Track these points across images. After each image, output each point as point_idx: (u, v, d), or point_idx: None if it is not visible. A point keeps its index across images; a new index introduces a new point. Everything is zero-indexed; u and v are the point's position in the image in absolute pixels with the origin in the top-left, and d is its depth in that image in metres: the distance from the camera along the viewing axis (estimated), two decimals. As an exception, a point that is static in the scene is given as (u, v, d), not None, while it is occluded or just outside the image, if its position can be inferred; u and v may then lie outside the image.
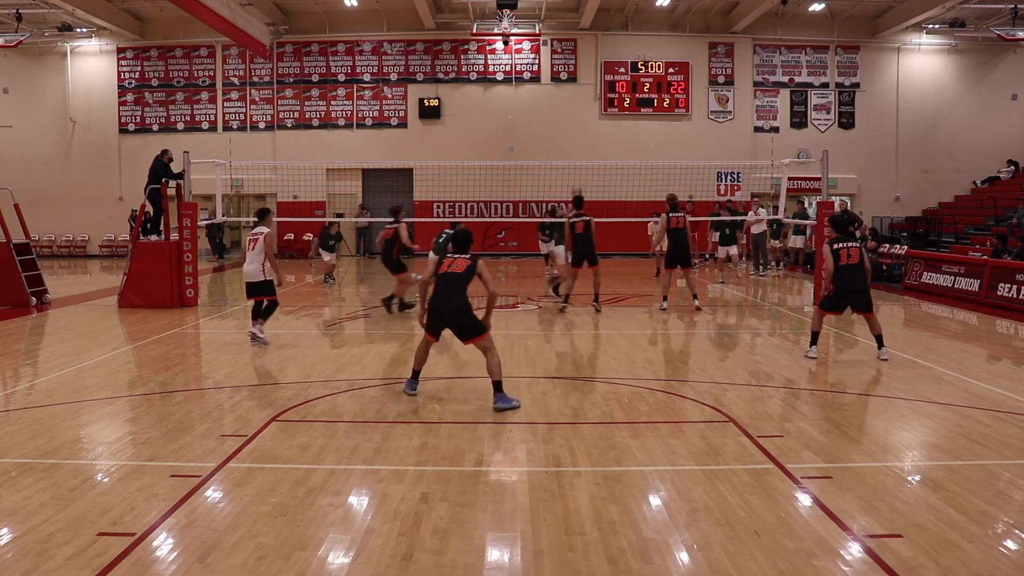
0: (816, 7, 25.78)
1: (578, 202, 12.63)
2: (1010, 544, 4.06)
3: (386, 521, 4.27)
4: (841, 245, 8.56)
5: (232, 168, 16.69)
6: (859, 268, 8.54)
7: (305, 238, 26.95)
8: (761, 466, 5.16)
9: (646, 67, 26.66)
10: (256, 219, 10.17)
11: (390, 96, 26.89)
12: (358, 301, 14.79)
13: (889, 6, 25.42)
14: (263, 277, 9.69)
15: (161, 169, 14.47)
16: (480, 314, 6.85)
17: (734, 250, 17.65)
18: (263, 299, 9.81)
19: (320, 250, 17.31)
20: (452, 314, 6.79)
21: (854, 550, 3.93)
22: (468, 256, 6.97)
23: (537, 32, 26.14)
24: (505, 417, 6.38)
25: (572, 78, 26.86)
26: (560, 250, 15.12)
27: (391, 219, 12.38)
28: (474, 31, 26.07)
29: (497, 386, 6.69)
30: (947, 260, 15.93)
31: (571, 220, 12.45)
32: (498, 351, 6.83)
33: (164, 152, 14.74)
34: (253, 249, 9.76)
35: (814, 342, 8.93)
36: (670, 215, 12.59)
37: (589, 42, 26.73)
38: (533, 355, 9.08)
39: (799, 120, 27.15)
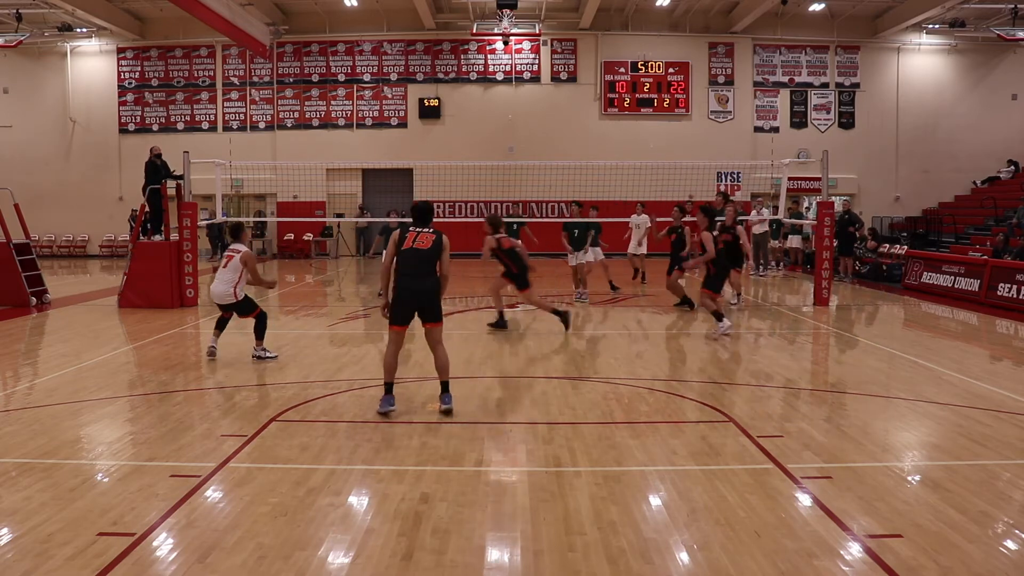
0: (816, 7, 25.79)
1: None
2: (1010, 544, 4.06)
3: (386, 521, 4.27)
4: (717, 233, 10.34)
5: (232, 168, 16.69)
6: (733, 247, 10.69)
7: (305, 238, 26.97)
8: (761, 466, 5.16)
9: (646, 67, 26.66)
10: (231, 236, 9.20)
11: (390, 96, 26.90)
12: (358, 301, 14.78)
13: (889, 6, 25.43)
14: (234, 298, 8.68)
15: (151, 167, 14.48)
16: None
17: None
18: (232, 315, 8.93)
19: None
20: (424, 295, 6.27)
21: (854, 550, 3.93)
22: (432, 230, 6.43)
23: (537, 32, 26.15)
24: (505, 417, 6.38)
25: (572, 78, 26.86)
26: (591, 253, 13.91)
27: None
28: (474, 31, 26.08)
29: (445, 386, 6.46)
30: (947, 260, 15.93)
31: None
32: (498, 350, 6.81)
33: (151, 150, 14.78)
34: (226, 267, 8.67)
35: (720, 319, 10.20)
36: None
37: (589, 42, 26.74)
38: (533, 355, 9.08)
39: (799, 120, 27.16)
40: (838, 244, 19.11)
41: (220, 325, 9.05)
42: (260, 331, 8.97)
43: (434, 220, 6.63)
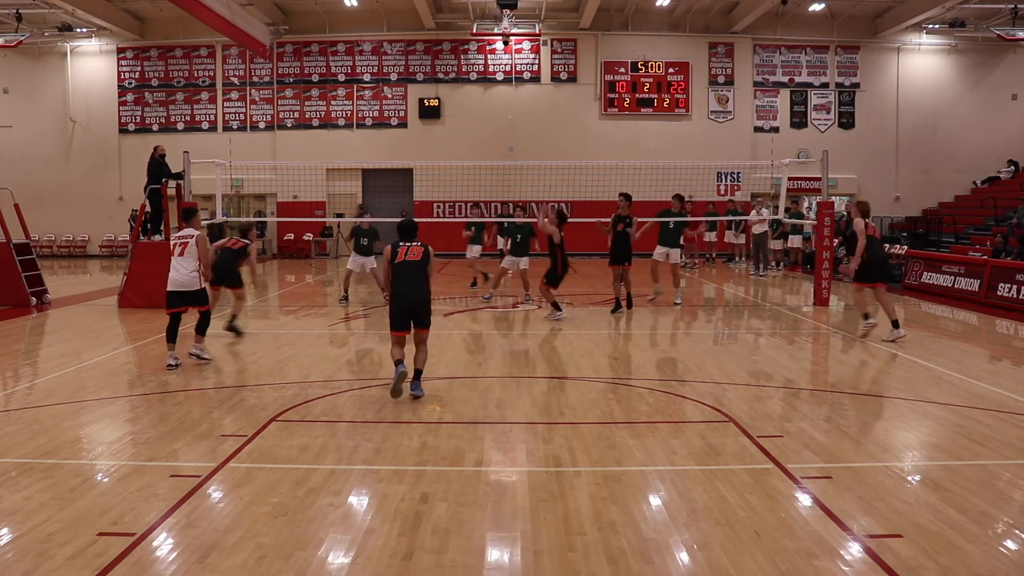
0: (816, 7, 25.78)
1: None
2: (1010, 544, 4.06)
3: (386, 521, 4.27)
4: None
5: (232, 168, 16.67)
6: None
7: (305, 238, 26.97)
8: (761, 466, 5.16)
9: (646, 67, 26.66)
10: (182, 218, 8.74)
11: (390, 96, 26.89)
12: (358, 301, 14.76)
13: (889, 6, 25.43)
14: (199, 286, 8.35)
15: (155, 166, 14.47)
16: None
17: (675, 255, 13.63)
18: (187, 309, 8.47)
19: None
20: (418, 304, 7.05)
21: (854, 550, 3.93)
22: (419, 244, 7.23)
23: (537, 32, 26.14)
24: (505, 417, 6.39)
25: (572, 78, 26.86)
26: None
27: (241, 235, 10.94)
28: (474, 31, 26.07)
29: (418, 374, 7.06)
30: (947, 260, 15.93)
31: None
32: (498, 351, 6.81)
33: (155, 148, 14.75)
34: (182, 255, 8.29)
35: (558, 308, 11.61)
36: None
37: (589, 42, 26.73)
38: (533, 355, 9.08)
39: (799, 120, 27.15)
40: (845, 244, 19.09)
41: (173, 334, 8.34)
42: (203, 328, 8.64)
43: (433, 220, 7.11)
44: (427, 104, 26.51)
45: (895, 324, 9.88)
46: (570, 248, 12.06)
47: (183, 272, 8.28)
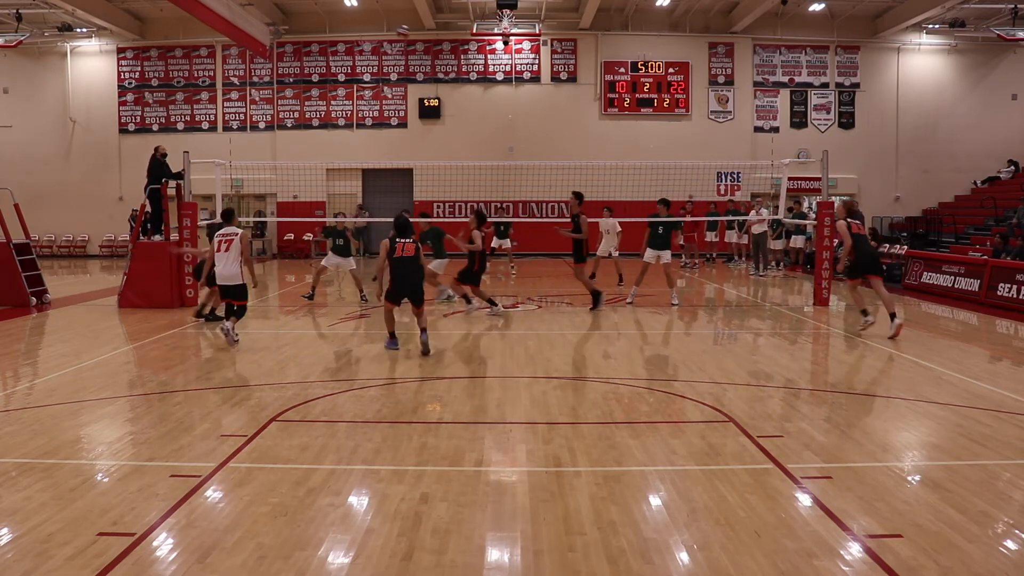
0: (816, 7, 25.79)
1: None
2: (1010, 544, 4.06)
3: (386, 521, 4.27)
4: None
5: (232, 168, 16.68)
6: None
7: (305, 238, 26.96)
8: (761, 466, 5.16)
9: (646, 67, 26.67)
10: (223, 219, 10.01)
11: (390, 96, 26.90)
12: (357, 301, 14.76)
13: (889, 6, 25.43)
14: (240, 280, 9.38)
15: (157, 167, 14.46)
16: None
17: (666, 256, 13.44)
18: (234, 303, 9.48)
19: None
20: (413, 288, 8.86)
21: (854, 550, 3.93)
22: (412, 240, 8.91)
23: (537, 32, 26.15)
24: (505, 417, 6.39)
25: (572, 78, 26.86)
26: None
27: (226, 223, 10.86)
28: (474, 31, 26.08)
29: (424, 330, 8.90)
30: (947, 260, 15.93)
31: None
32: (498, 350, 6.81)
33: (156, 149, 14.75)
34: (227, 251, 9.33)
35: (468, 300, 12.14)
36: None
37: (589, 42, 26.74)
38: (533, 355, 9.08)
39: (799, 120, 27.16)
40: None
41: (228, 314, 9.57)
42: (239, 316, 9.60)
43: (434, 220, 7.87)
44: (427, 104, 26.51)
45: (892, 316, 10.06)
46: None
47: (228, 266, 9.38)
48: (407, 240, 8.86)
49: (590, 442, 5.67)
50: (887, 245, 21.71)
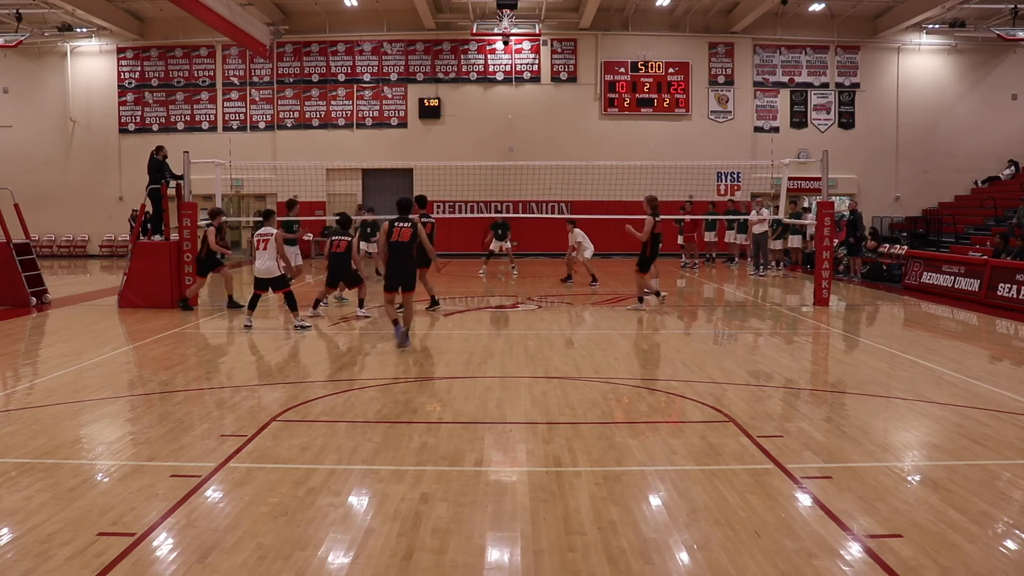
0: (816, 7, 25.78)
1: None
2: (1010, 544, 4.06)
3: (386, 521, 4.27)
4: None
5: (232, 168, 16.69)
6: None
7: (305, 238, 26.89)
8: (761, 466, 5.16)
9: (646, 67, 26.65)
10: (262, 219, 11.22)
11: (390, 96, 26.88)
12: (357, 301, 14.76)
13: (889, 6, 25.42)
14: (277, 272, 10.80)
15: (156, 166, 14.46)
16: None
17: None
18: (267, 292, 10.96)
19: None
20: (405, 275, 9.20)
21: (854, 550, 3.93)
22: (409, 224, 9.11)
23: (537, 32, 26.14)
24: (505, 417, 6.39)
25: (572, 78, 26.85)
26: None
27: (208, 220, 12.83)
28: (474, 31, 26.06)
29: (406, 328, 9.30)
30: (947, 260, 15.93)
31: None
32: (498, 350, 6.81)
33: (159, 149, 14.73)
34: (265, 249, 10.70)
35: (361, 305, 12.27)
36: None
37: (589, 42, 26.73)
38: (533, 355, 9.08)
39: (799, 120, 27.15)
40: (848, 244, 19.11)
41: (253, 304, 10.94)
42: (293, 305, 10.82)
43: (435, 220, 8.05)
44: (427, 104, 26.50)
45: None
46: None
47: (265, 261, 10.67)
48: (404, 225, 9.09)
49: (590, 442, 5.67)
50: (887, 245, 21.72)
